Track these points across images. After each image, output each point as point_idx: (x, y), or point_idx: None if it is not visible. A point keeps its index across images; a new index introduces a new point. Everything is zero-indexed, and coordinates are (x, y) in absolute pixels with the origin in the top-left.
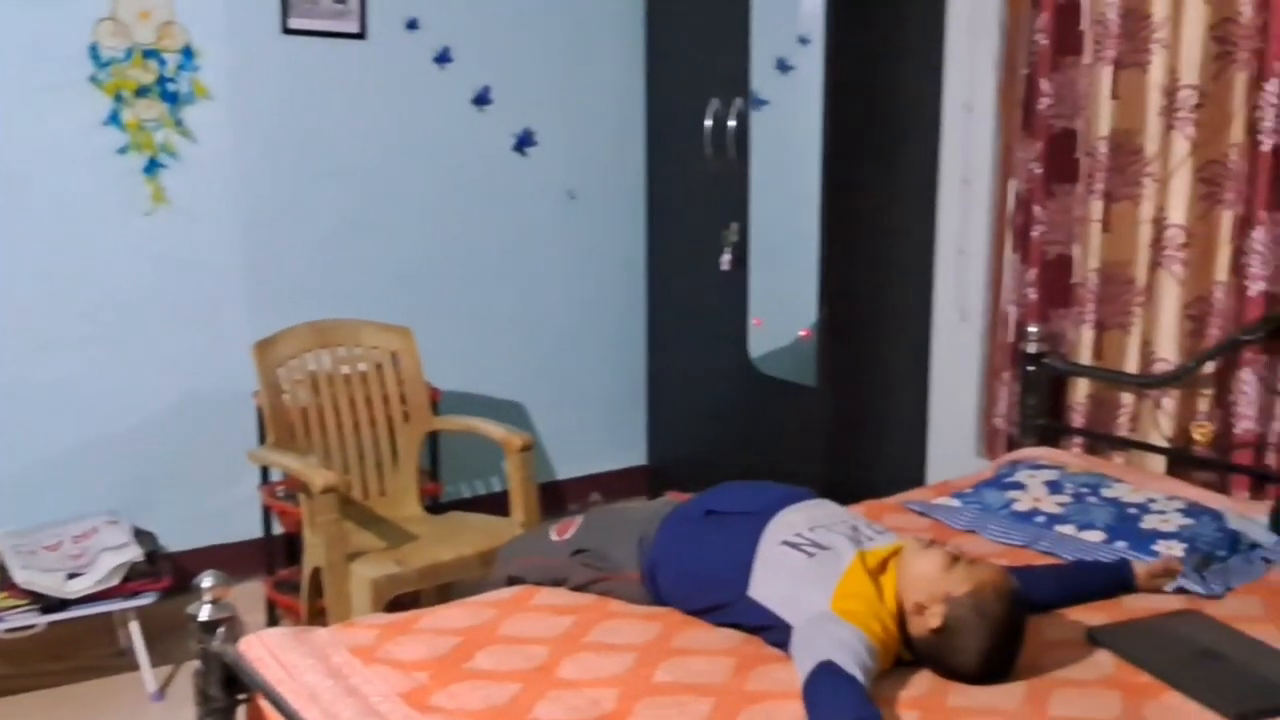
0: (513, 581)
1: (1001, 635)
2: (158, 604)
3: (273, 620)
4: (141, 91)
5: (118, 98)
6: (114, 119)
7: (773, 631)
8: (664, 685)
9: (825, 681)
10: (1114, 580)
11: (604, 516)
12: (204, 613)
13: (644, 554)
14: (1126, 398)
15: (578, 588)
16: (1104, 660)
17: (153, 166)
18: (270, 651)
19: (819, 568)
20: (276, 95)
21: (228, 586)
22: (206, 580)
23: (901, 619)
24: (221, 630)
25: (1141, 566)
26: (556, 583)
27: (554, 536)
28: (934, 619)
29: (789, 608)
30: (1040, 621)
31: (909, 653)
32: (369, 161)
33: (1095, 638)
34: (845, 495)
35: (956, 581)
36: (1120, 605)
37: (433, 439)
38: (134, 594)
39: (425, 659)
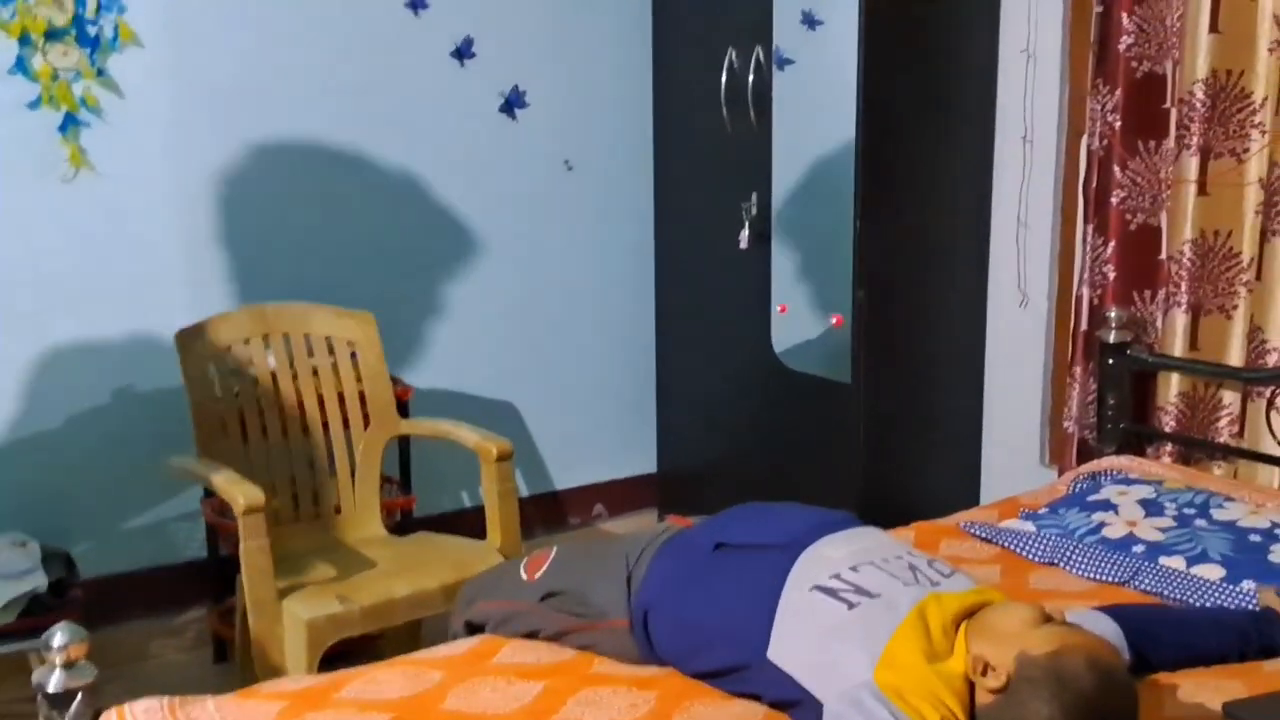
0: (473, 630)
1: (1083, 714)
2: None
3: (220, 656)
4: (54, 34)
5: (24, 40)
6: (20, 66)
7: (800, 708)
8: None
9: None
10: (1252, 636)
11: (583, 549)
12: (53, 681)
13: (633, 596)
14: (1230, 396)
15: (552, 639)
16: None
17: (70, 123)
18: None
19: (864, 622)
20: (218, 43)
21: (84, 643)
22: (57, 637)
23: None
24: (77, 703)
25: None
26: (530, 633)
27: (523, 574)
28: (996, 679)
29: (819, 676)
30: (1154, 689)
31: None
32: (328, 122)
33: (1234, 715)
34: (887, 513)
35: (1040, 639)
36: (1260, 671)
37: (404, 444)
38: (35, 631)
39: None
